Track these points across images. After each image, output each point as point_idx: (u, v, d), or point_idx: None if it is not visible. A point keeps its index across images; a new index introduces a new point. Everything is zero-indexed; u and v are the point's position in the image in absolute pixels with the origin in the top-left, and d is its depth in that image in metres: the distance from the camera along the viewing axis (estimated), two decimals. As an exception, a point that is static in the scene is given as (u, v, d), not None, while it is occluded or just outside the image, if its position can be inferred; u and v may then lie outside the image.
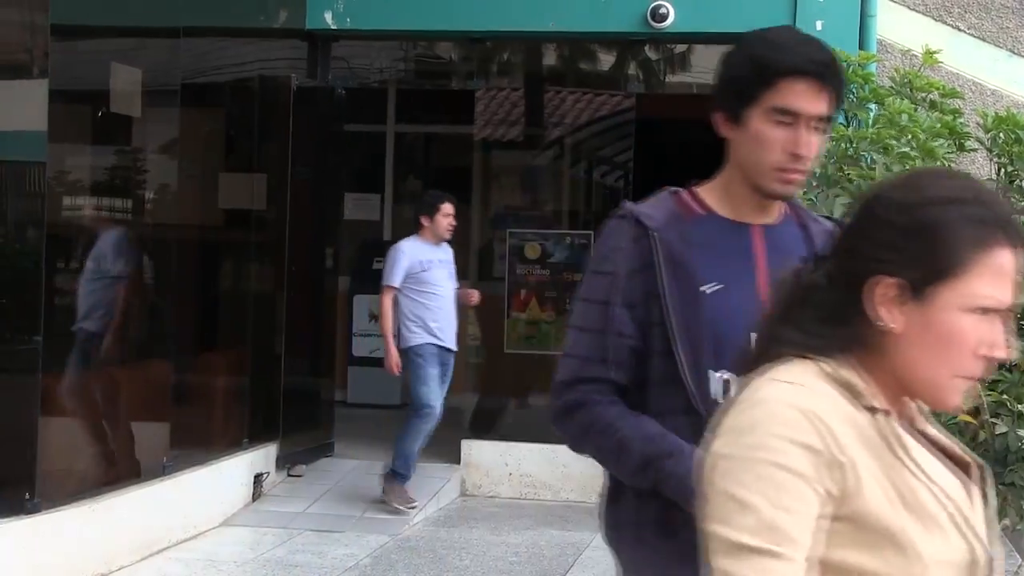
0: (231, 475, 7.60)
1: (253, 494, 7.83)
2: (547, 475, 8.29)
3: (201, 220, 7.80)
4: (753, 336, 1.84)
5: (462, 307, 8.20)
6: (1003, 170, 4.22)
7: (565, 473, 8.25)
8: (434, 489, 8.15)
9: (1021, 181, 4.19)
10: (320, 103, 8.67)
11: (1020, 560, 3.98)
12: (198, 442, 7.34)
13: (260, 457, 7.94)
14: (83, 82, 6.58)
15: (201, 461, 7.25)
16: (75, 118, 6.49)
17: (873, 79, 4.28)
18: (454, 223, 7.82)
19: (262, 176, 8.18)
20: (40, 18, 6.06)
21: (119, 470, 6.63)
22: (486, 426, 8.67)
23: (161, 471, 6.81)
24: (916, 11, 7.83)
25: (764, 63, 2.39)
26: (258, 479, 7.88)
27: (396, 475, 7.67)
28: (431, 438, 7.63)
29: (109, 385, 6.78)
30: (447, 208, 7.76)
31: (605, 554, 7.67)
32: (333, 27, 8.45)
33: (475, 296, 8.11)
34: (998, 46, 7.72)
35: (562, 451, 8.30)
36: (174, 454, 6.93)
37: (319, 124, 8.70)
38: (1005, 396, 3.76)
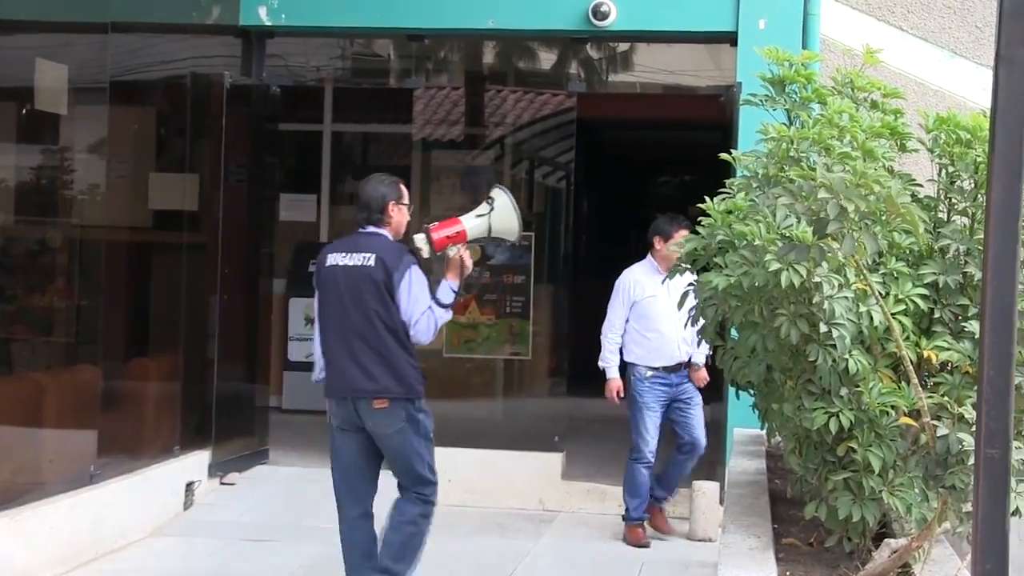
0: (161, 483, 7.43)
1: (184, 503, 7.68)
2: (487, 482, 8.17)
3: (131, 221, 7.64)
4: None
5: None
6: (944, 170, 4.17)
7: (505, 480, 8.13)
8: (372, 495, 8.00)
9: (962, 182, 4.14)
10: (254, 101, 8.52)
11: (960, 563, 3.93)
12: (127, 449, 7.18)
13: (192, 465, 7.78)
14: (7, 79, 6.49)
15: (130, 469, 7.12)
16: (-2, 116, 6.33)
17: (816, 79, 4.20)
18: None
19: (194, 176, 8.02)
20: (-39, 12, 5.88)
21: (44, 479, 6.44)
22: (425, 431, 8.53)
23: (88, 479, 6.66)
24: (859, 10, 7.81)
25: None
26: (190, 487, 7.73)
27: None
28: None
29: (35, 391, 6.59)
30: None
31: (545, 561, 7.55)
32: (268, 23, 8.30)
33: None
34: (940, 46, 7.71)
35: (502, 458, 8.23)
36: (102, 462, 6.77)
37: (253, 123, 8.56)
38: (946, 398, 3.71)
